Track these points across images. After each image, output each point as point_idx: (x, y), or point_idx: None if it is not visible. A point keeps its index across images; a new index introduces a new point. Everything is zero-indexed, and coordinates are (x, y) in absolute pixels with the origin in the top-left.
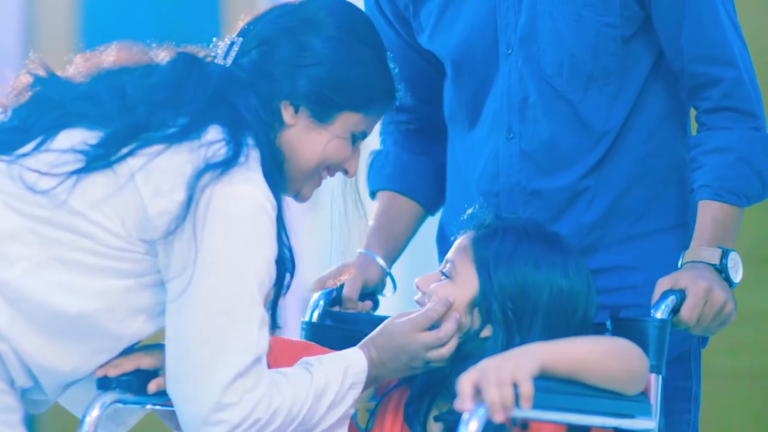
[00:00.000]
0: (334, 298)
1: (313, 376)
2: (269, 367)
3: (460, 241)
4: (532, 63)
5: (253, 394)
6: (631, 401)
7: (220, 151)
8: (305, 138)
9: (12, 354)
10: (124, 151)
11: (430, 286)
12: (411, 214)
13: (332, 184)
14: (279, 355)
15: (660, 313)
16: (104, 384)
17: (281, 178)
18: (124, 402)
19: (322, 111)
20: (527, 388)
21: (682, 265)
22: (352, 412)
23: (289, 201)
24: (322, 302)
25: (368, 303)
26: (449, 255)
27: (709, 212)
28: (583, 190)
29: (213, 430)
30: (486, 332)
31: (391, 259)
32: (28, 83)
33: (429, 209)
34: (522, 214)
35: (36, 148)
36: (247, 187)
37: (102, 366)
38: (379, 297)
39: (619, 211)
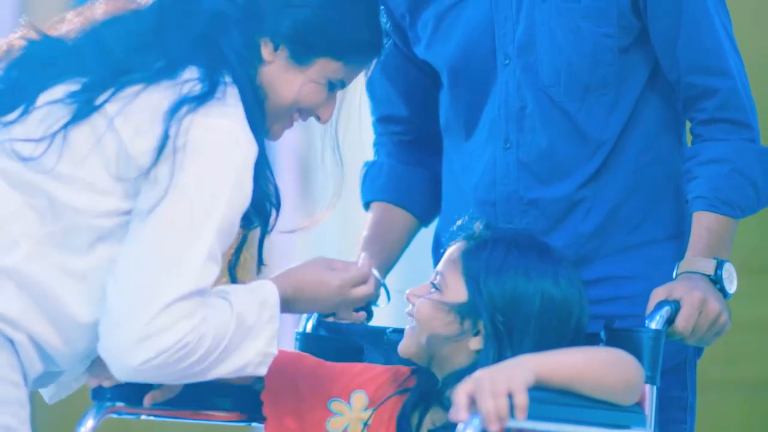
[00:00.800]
0: None
1: (232, 305)
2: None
3: (450, 252)
4: (529, 73)
5: (188, 321)
6: (626, 412)
7: (196, 87)
8: (281, 77)
9: (28, 342)
10: (106, 95)
11: (417, 300)
12: (405, 225)
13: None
14: (271, 366)
15: (655, 324)
16: (98, 394)
17: (262, 115)
18: (119, 413)
19: (302, 53)
20: (522, 399)
21: (677, 276)
22: (275, 352)
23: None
24: (316, 312)
25: (362, 314)
26: (439, 267)
27: (704, 223)
28: (580, 200)
29: (142, 350)
30: (475, 344)
31: (385, 270)
32: (20, 47)
33: (423, 220)
34: (519, 224)
35: (23, 114)
36: (224, 122)
37: (97, 376)
38: (373, 308)
39: (616, 221)
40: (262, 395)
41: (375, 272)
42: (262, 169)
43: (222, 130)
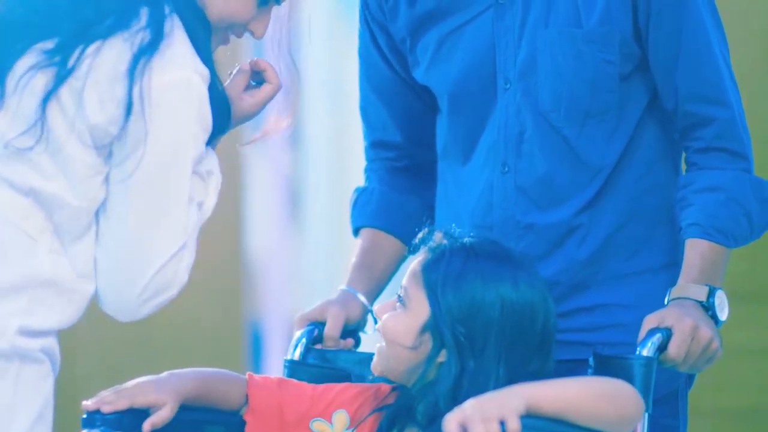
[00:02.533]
0: (316, 336)
1: None
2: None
3: (413, 266)
4: (530, 97)
5: (185, 271)
6: None
7: (145, 37)
8: None
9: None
10: (76, 54)
11: (383, 317)
12: (394, 252)
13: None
14: (255, 388)
15: (646, 351)
16: (89, 422)
17: (208, 37)
18: None
19: None
20: (514, 424)
21: (668, 302)
22: None
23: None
24: (304, 340)
25: (350, 341)
26: (403, 281)
27: (697, 250)
28: (576, 226)
29: (147, 307)
30: (442, 357)
31: (373, 297)
32: None
33: (412, 248)
34: (515, 248)
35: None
36: (177, 72)
37: (95, 401)
38: (361, 334)
39: (612, 249)
40: (245, 415)
41: (362, 298)
42: (212, 83)
43: (178, 82)
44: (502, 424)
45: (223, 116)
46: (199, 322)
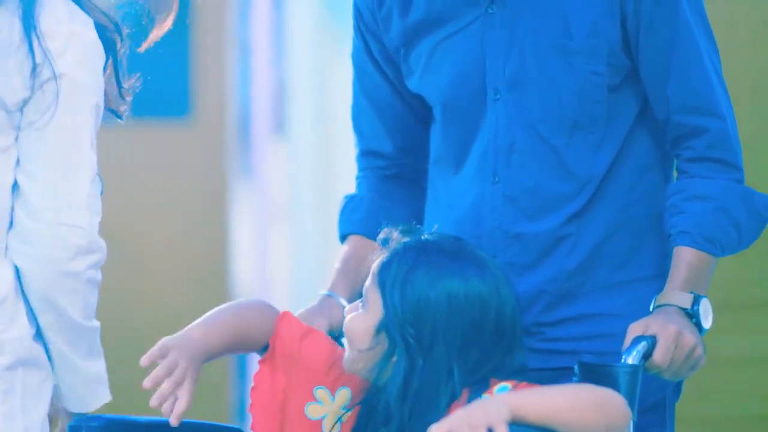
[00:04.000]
0: None
1: None
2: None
3: (373, 266)
4: (519, 108)
5: (97, 215)
6: None
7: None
8: None
9: None
10: None
11: (346, 318)
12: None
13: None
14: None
15: (631, 359)
16: (76, 430)
17: None
18: None
19: None
20: (502, 430)
21: (653, 308)
22: None
23: None
24: None
25: None
26: (366, 282)
27: (684, 258)
28: (565, 236)
29: (76, 264)
30: (396, 357)
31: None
32: None
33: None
34: (503, 258)
35: None
36: (69, 27)
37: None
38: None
39: (601, 259)
40: (270, 340)
41: (344, 304)
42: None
43: (68, 36)
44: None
45: (108, 42)
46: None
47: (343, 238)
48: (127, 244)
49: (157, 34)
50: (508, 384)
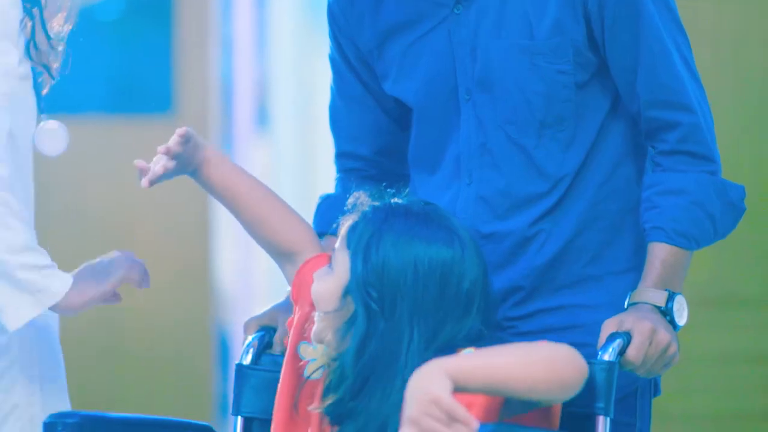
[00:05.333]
0: (267, 341)
1: None
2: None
3: (342, 229)
4: (488, 109)
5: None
6: None
7: None
8: None
9: None
10: None
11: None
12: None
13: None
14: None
15: (608, 356)
16: (51, 428)
17: None
18: None
19: None
20: (448, 401)
21: (628, 306)
22: None
23: None
24: (256, 344)
25: None
26: (335, 245)
27: (658, 254)
28: (536, 233)
29: None
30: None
31: None
32: None
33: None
34: None
35: None
36: None
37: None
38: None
39: (572, 253)
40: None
41: None
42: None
43: None
44: None
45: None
46: (167, 326)
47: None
48: (109, 239)
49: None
50: (471, 349)
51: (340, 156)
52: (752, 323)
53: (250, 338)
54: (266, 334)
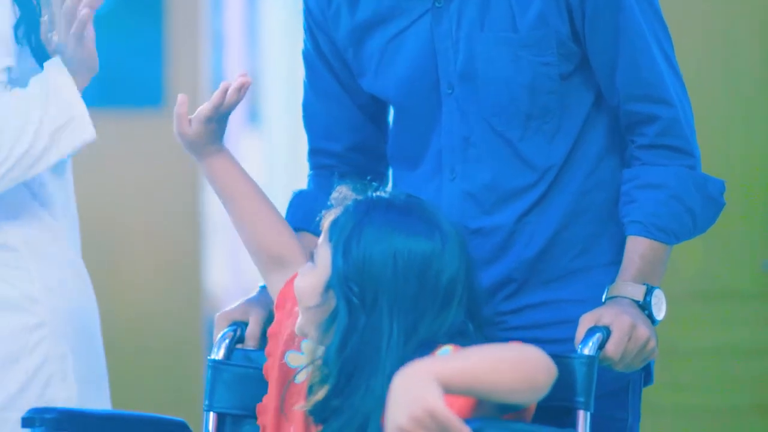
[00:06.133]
0: (239, 336)
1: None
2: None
3: (324, 223)
4: (472, 102)
5: None
6: None
7: None
8: None
9: None
10: None
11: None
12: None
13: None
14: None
15: (588, 350)
16: (29, 422)
17: None
18: None
19: None
20: (442, 410)
21: (605, 300)
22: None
23: None
24: (228, 339)
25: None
26: (319, 239)
27: (637, 248)
28: (523, 227)
29: None
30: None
31: None
32: None
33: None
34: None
35: None
36: None
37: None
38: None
39: (560, 246)
40: (268, 331)
41: None
42: None
43: None
44: None
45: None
46: (157, 317)
47: None
48: (99, 233)
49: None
50: (449, 347)
51: (314, 153)
52: (744, 317)
53: (221, 333)
54: (238, 328)
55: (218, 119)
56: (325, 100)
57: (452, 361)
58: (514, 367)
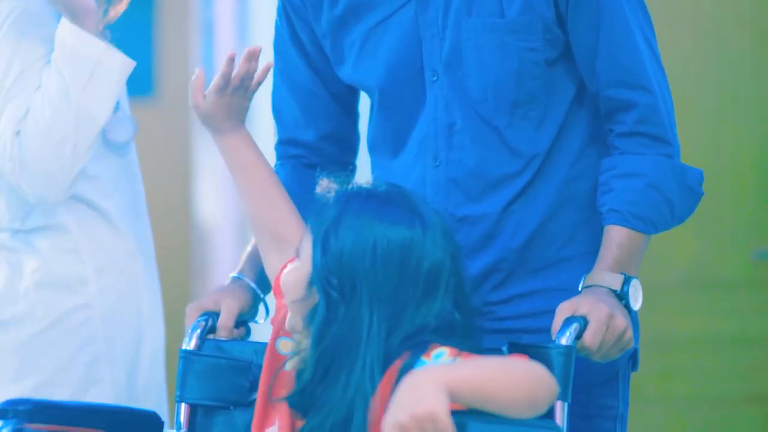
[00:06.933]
0: (211, 326)
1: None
2: None
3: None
4: (457, 89)
5: None
6: (540, 428)
7: None
8: None
9: None
10: None
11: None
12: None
13: None
14: None
15: (565, 340)
16: (2, 414)
17: None
18: None
19: None
20: (445, 424)
21: (582, 288)
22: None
23: None
24: (199, 330)
25: (241, 330)
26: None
27: (615, 237)
28: (510, 215)
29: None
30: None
31: (265, 286)
32: None
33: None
34: None
35: None
36: None
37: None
38: (251, 324)
39: (547, 235)
40: (271, 319)
41: (254, 286)
42: None
43: None
44: None
45: None
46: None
47: None
48: None
49: (116, 12)
50: (446, 349)
51: (282, 143)
52: (734, 306)
53: (192, 323)
54: (209, 318)
55: (234, 93)
56: (298, 89)
57: (463, 372)
58: (522, 387)
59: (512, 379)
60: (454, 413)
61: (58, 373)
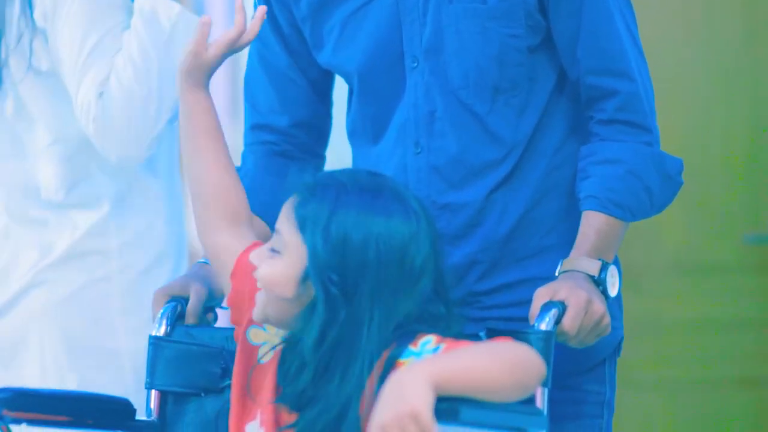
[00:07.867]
0: (180, 312)
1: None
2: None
3: (285, 207)
4: (438, 76)
5: None
6: (524, 414)
7: None
8: None
9: None
10: None
11: (257, 269)
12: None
13: None
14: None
15: (544, 325)
16: None
17: None
18: (4, 421)
19: None
20: (427, 422)
21: (559, 273)
22: None
23: None
24: (168, 316)
25: (209, 315)
26: (277, 225)
27: (593, 223)
28: (493, 203)
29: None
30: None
31: None
32: None
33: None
34: None
35: None
36: None
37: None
38: (220, 310)
39: (531, 224)
40: (227, 302)
41: None
42: None
43: None
44: None
45: None
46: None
47: None
48: None
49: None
50: (432, 337)
51: (254, 128)
52: (725, 290)
53: (161, 309)
54: (178, 304)
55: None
56: (274, 74)
57: (448, 363)
58: (508, 369)
59: (500, 365)
60: (445, 399)
61: (75, 342)
